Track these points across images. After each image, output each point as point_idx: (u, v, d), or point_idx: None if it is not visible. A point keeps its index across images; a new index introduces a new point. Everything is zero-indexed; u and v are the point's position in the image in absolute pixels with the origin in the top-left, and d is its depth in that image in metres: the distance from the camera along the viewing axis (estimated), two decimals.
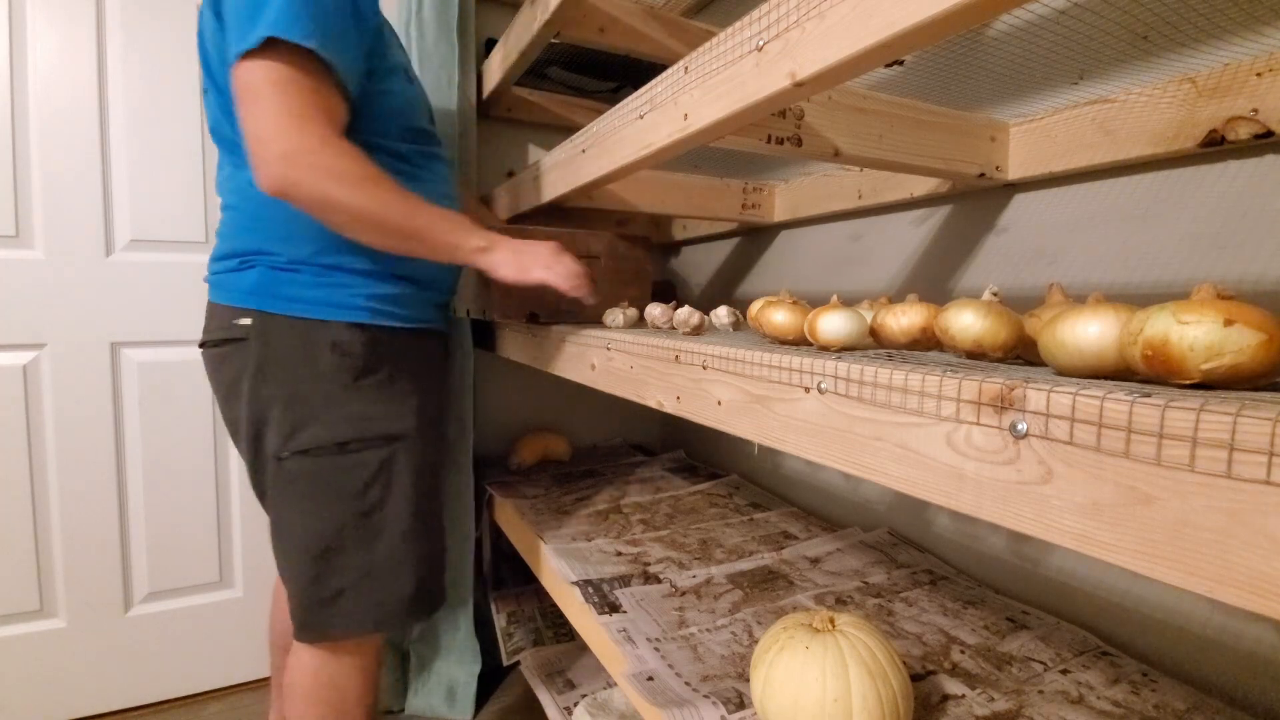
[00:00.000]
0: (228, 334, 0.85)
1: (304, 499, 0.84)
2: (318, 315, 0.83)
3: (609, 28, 1.18)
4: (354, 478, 0.84)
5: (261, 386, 0.83)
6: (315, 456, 0.83)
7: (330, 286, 0.84)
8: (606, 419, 1.83)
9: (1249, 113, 0.63)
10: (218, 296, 0.87)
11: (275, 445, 0.84)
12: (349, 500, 0.84)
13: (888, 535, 1.13)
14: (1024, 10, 0.81)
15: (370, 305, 0.86)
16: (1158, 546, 0.27)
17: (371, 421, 0.85)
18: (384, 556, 0.86)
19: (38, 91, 1.21)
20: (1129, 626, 0.80)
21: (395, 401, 0.88)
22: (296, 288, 0.83)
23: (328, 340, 0.83)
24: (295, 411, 0.83)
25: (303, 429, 0.83)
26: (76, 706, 1.31)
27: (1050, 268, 0.86)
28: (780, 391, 0.50)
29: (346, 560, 0.84)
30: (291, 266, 0.83)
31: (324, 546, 0.84)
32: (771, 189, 1.32)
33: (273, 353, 0.83)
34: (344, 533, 0.84)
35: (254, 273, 0.84)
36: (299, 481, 0.84)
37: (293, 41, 0.70)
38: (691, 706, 0.68)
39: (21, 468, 1.24)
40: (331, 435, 0.83)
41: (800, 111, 0.73)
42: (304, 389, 0.83)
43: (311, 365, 0.83)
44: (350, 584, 0.84)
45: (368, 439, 0.85)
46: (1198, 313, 0.32)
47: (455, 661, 1.36)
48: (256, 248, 0.84)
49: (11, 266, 1.21)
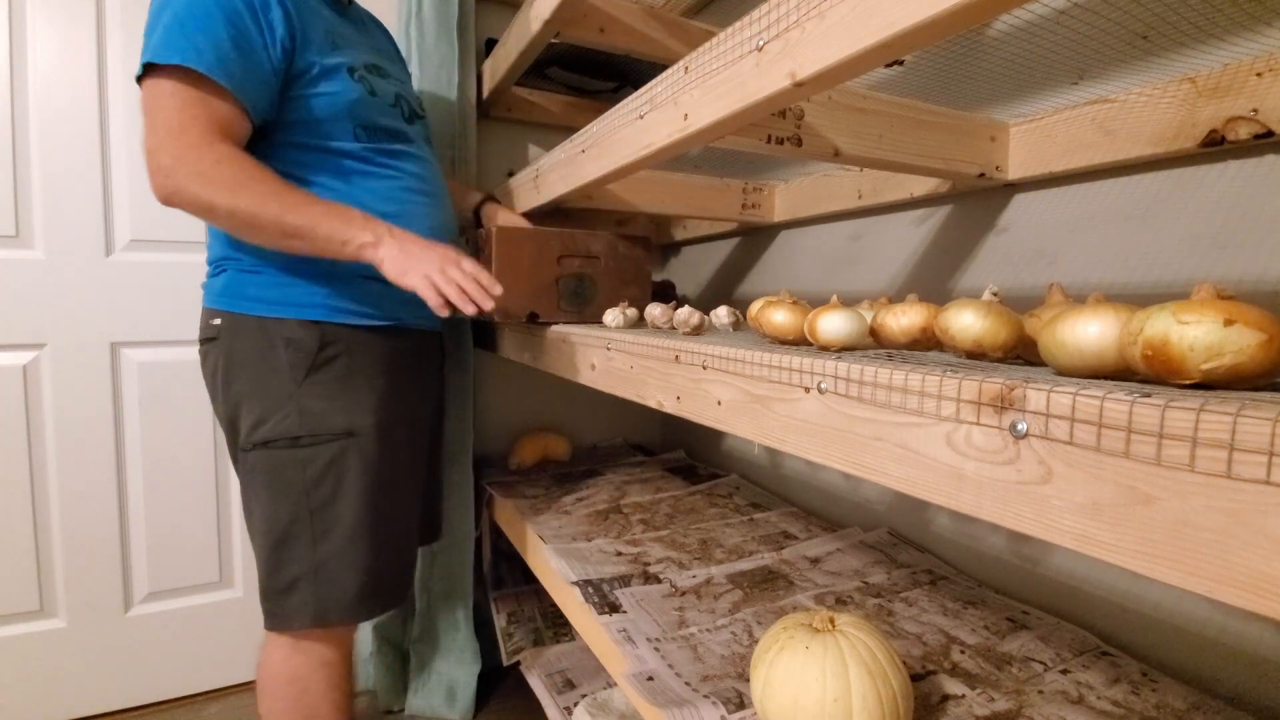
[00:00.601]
0: (205, 334, 0.91)
1: (262, 490, 0.87)
2: (274, 313, 0.87)
3: (609, 28, 1.18)
4: (306, 472, 0.87)
5: (231, 381, 0.88)
6: (271, 449, 0.86)
7: (287, 286, 0.88)
8: (606, 419, 1.83)
9: (1249, 113, 0.63)
10: (204, 300, 0.93)
11: (241, 437, 0.88)
12: (301, 494, 0.87)
13: (888, 535, 1.13)
14: (1024, 10, 0.81)
15: (326, 303, 0.89)
16: (1158, 546, 0.27)
17: (322, 417, 0.88)
18: (333, 551, 0.87)
19: (38, 91, 1.21)
20: (1129, 626, 0.80)
21: (350, 398, 0.90)
22: (258, 288, 0.88)
23: (281, 337, 0.87)
24: (257, 405, 0.87)
25: (263, 422, 0.86)
26: (76, 706, 1.31)
27: (1050, 268, 0.86)
28: (780, 391, 0.50)
29: (299, 552, 0.87)
30: (255, 269, 0.88)
31: (278, 537, 0.87)
32: (771, 189, 1.31)
33: (237, 350, 0.88)
34: (296, 525, 0.87)
35: (225, 276, 0.90)
36: (257, 473, 0.87)
37: (164, 63, 0.76)
38: (691, 706, 0.68)
39: (21, 468, 1.24)
40: (285, 429, 0.86)
41: (800, 111, 0.73)
42: (263, 384, 0.87)
43: (268, 361, 0.87)
44: (301, 576, 0.87)
45: (319, 434, 0.87)
46: (1198, 313, 0.32)
47: (455, 661, 1.36)
48: (226, 254, 0.90)
49: (11, 266, 1.21)
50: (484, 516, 1.46)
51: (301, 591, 0.86)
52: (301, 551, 0.86)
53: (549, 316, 1.07)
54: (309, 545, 0.87)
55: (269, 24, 0.82)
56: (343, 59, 0.90)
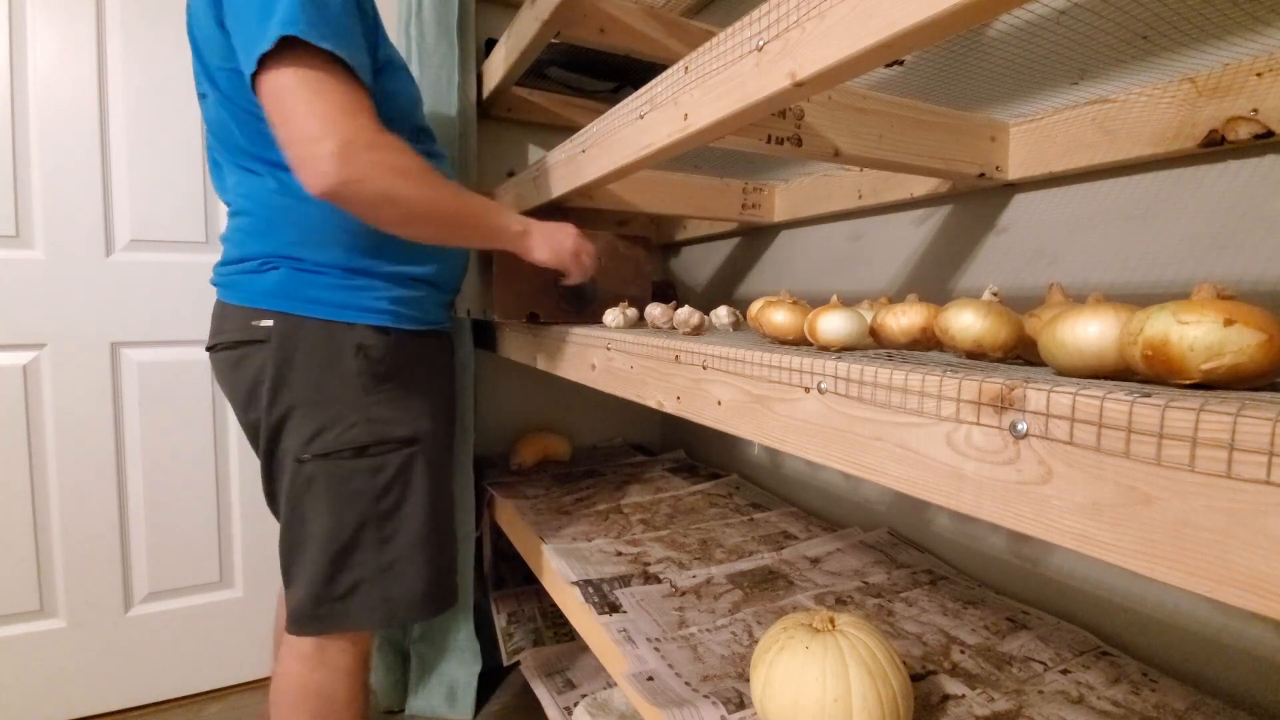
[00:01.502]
0: (245, 335, 0.84)
1: (322, 501, 0.84)
2: (343, 318, 0.83)
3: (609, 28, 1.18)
4: (373, 481, 0.85)
5: (282, 388, 0.82)
6: (335, 459, 0.83)
7: (354, 289, 0.84)
8: (606, 419, 1.83)
9: (1249, 113, 0.63)
10: (232, 297, 0.85)
11: (295, 447, 0.83)
12: (368, 502, 0.85)
13: (888, 535, 1.13)
14: (1024, 10, 0.81)
15: (392, 308, 0.87)
16: (1158, 546, 0.27)
17: (390, 425, 0.86)
18: (399, 555, 0.86)
19: (38, 91, 1.21)
20: (1129, 626, 0.80)
21: (412, 404, 0.88)
22: (321, 290, 0.83)
23: (352, 343, 0.83)
24: (316, 414, 0.83)
25: (324, 432, 0.83)
26: (76, 706, 1.31)
27: (1050, 268, 0.86)
28: (780, 391, 0.50)
29: (362, 558, 0.85)
30: (317, 269, 0.83)
31: (340, 546, 0.84)
32: (771, 189, 1.31)
33: (295, 355, 0.82)
34: (362, 533, 0.85)
35: (276, 274, 0.82)
36: (318, 483, 0.83)
37: (312, 44, 0.68)
38: (691, 706, 0.68)
39: (21, 468, 1.24)
40: (351, 439, 0.83)
41: (800, 111, 0.73)
42: (326, 392, 0.83)
43: (334, 368, 0.83)
44: (365, 579, 0.85)
45: (387, 442, 0.85)
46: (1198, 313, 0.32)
47: (455, 661, 1.36)
48: (276, 251, 0.83)
49: (11, 266, 1.21)
50: (484, 516, 1.46)
51: (365, 595, 0.85)
52: (367, 557, 0.85)
53: (549, 316, 1.07)
54: (375, 550, 0.85)
55: (365, 9, 0.78)
56: (399, 56, 0.87)
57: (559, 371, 0.94)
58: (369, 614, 0.85)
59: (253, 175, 0.83)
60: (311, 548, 0.84)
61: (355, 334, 0.83)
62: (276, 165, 0.81)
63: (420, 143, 0.91)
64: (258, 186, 0.83)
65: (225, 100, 0.81)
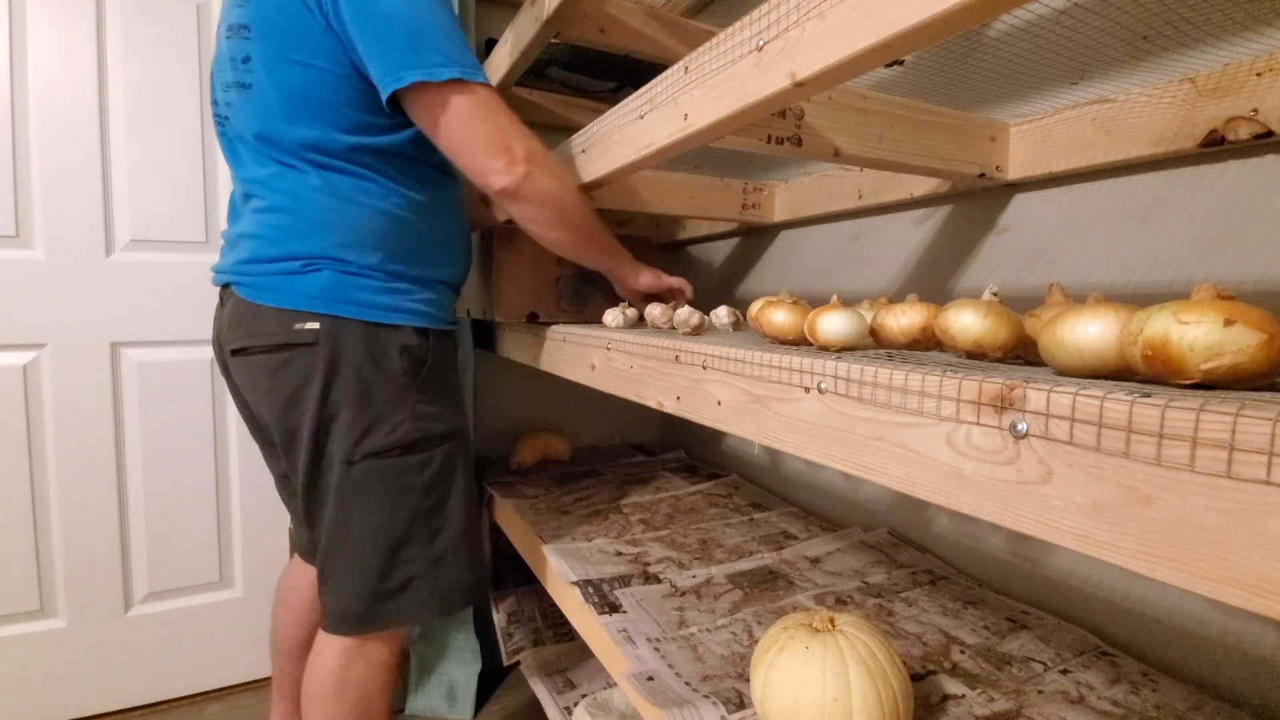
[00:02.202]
0: (289, 338, 0.83)
1: (375, 500, 0.85)
2: (389, 320, 0.86)
3: (609, 28, 1.18)
4: (422, 476, 0.87)
5: (332, 391, 0.83)
6: (384, 458, 0.85)
7: (396, 293, 0.87)
8: (606, 419, 1.83)
9: (1249, 113, 0.63)
10: (269, 299, 0.84)
11: (344, 449, 0.84)
12: (418, 497, 0.87)
13: (888, 535, 1.13)
14: (1024, 10, 0.81)
15: (426, 310, 0.90)
16: (1158, 546, 0.27)
17: (433, 421, 0.88)
18: (448, 547, 0.89)
19: (38, 91, 1.21)
20: (1129, 626, 0.80)
21: (448, 400, 0.92)
22: (367, 293, 0.84)
23: (397, 344, 0.86)
24: (365, 415, 0.84)
25: (373, 432, 0.84)
26: (76, 706, 1.31)
27: (1050, 268, 0.86)
28: (780, 391, 0.50)
29: (414, 553, 0.87)
30: (363, 272, 0.84)
31: (393, 542, 0.86)
32: (771, 189, 1.31)
33: (344, 358, 0.83)
34: (413, 528, 0.87)
35: (321, 276, 0.83)
36: (369, 482, 0.85)
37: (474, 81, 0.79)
38: (691, 706, 0.68)
39: (21, 468, 1.25)
40: (401, 436, 0.85)
41: (800, 111, 0.73)
42: (374, 393, 0.84)
43: (381, 369, 0.85)
44: (419, 573, 0.87)
45: (432, 438, 0.88)
46: (1198, 313, 0.32)
47: (455, 661, 1.36)
48: (320, 252, 0.83)
49: (11, 266, 1.21)
50: (484, 516, 1.46)
51: (418, 589, 0.87)
52: (418, 551, 0.87)
53: (549, 316, 1.07)
54: (425, 544, 0.87)
55: None
56: None
57: (559, 371, 0.94)
58: (423, 607, 0.87)
59: (295, 172, 0.83)
60: (362, 547, 0.85)
61: (400, 335, 0.86)
62: (324, 166, 0.83)
63: None
64: (300, 184, 0.83)
65: (286, 95, 0.81)
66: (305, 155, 0.83)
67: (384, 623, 0.87)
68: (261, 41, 0.81)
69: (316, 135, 0.82)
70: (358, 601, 0.85)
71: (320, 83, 0.80)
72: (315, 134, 0.82)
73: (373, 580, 0.85)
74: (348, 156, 0.83)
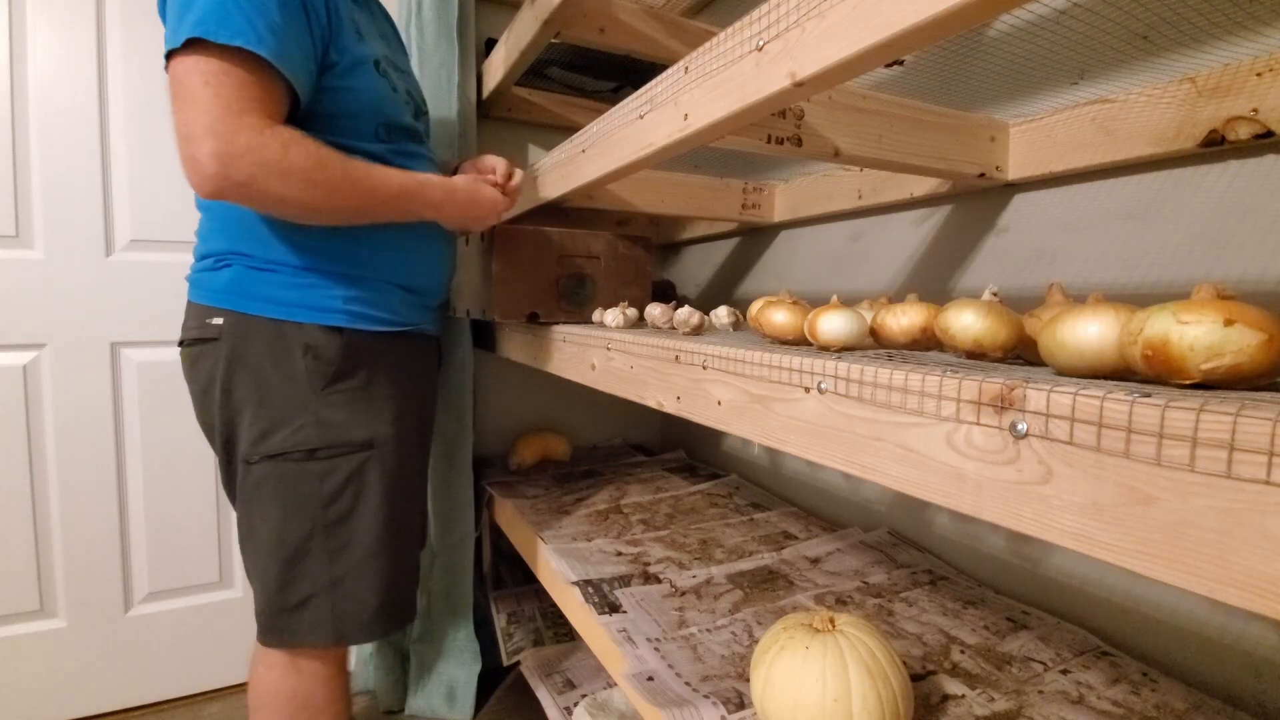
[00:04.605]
0: (201, 333, 0.83)
1: (271, 504, 0.82)
2: (291, 317, 0.82)
3: (609, 28, 1.18)
4: (323, 485, 0.82)
5: (233, 387, 0.81)
6: (283, 461, 0.81)
7: (305, 288, 0.82)
8: (606, 419, 1.83)
9: (1249, 113, 0.63)
10: (193, 295, 0.85)
11: (244, 448, 0.82)
12: (317, 508, 0.82)
13: (888, 535, 1.13)
14: (1024, 10, 0.81)
15: (348, 308, 0.84)
16: (1158, 546, 0.27)
17: (343, 428, 0.83)
18: (351, 567, 0.84)
19: (38, 91, 1.21)
20: (1129, 626, 0.80)
21: (370, 408, 0.86)
22: (271, 288, 0.81)
23: (300, 342, 0.82)
24: (265, 414, 0.81)
25: (272, 433, 0.81)
26: (76, 706, 1.31)
27: (1050, 268, 0.86)
28: (780, 391, 0.50)
29: (313, 568, 0.83)
30: (268, 266, 0.81)
31: (290, 553, 0.82)
32: (771, 189, 1.31)
33: (244, 354, 0.81)
34: (311, 540, 0.82)
35: (229, 272, 0.82)
36: (266, 486, 0.82)
37: (220, 42, 0.67)
38: (691, 706, 0.68)
39: (21, 468, 1.24)
40: (301, 440, 0.81)
41: (800, 111, 0.73)
42: (275, 392, 0.81)
43: (283, 368, 0.81)
44: (317, 591, 0.83)
45: (338, 446, 0.83)
46: (1198, 313, 0.32)
47: (455, 661, 1.36)
48: (232, 248, 0.82)
49: (11, 266, 1.21)
50: (484, 516, 1.46)
51: (316, 609, 0.82)
52: (315, 568, 0.82)
53: (549, 316, 1.07)
54: (324, 561, 0.83)
55: (314, 8, 0.76)
56: (368, 51, 0.85)
57: (559, 371, 0.94)
58: (318, 630, 0.83)
59: None
60: (264, 554, 0.83)
61: (304, 333, 0.82)
62: None
63: (389, 141, 0.87)
64: None
65: None
66: None
67: (285, 639, 0.83)
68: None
69: None
70: (263, 612, 0.83)
71: None
72: None
73: (274, 592, 0.82)
74: None
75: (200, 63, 0.68)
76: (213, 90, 0.68)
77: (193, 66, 0.68)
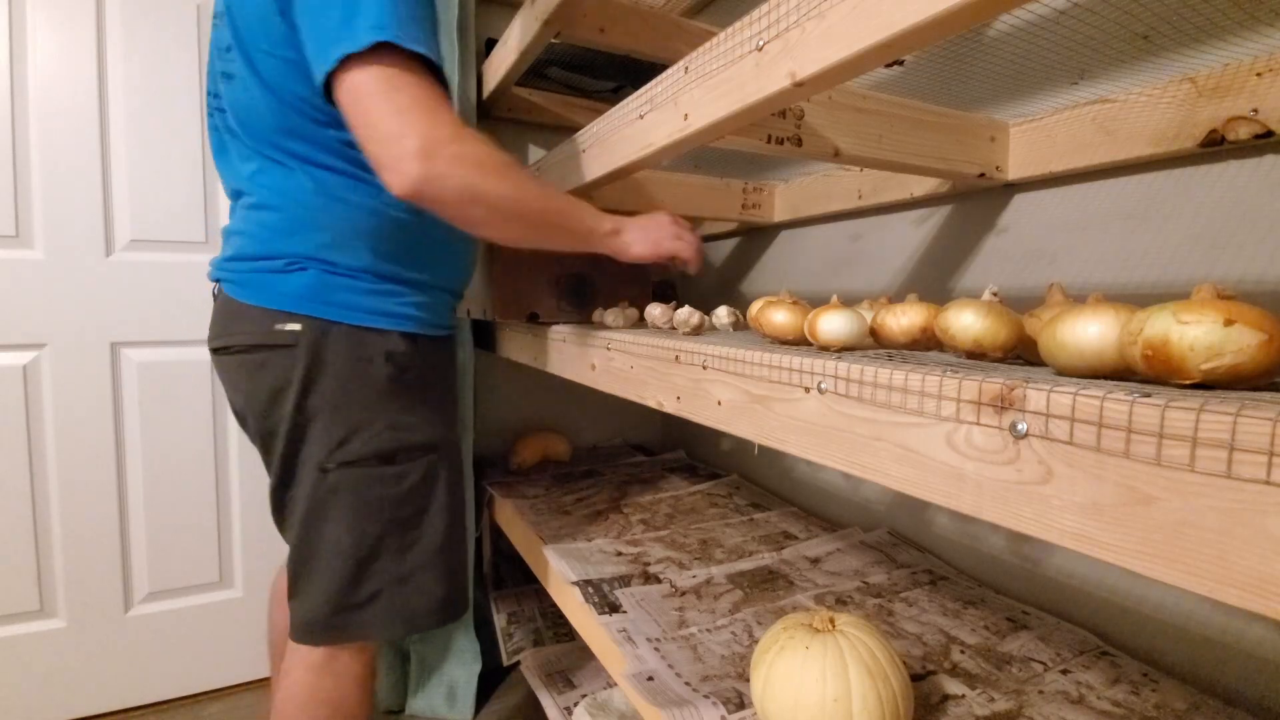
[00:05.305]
0: (268, 339, 0.80)
1: (347, 510, 0.82)
2: (374, 324, 0.81)
3: (609, 28, 1.18)
4: (398, 488, 0.84)
5: (310, 395, 0.80)
6: (360, 468, 0.81)
7: (384, 295, 0.82)
8: (606, 419, 1.83)
9: (1249, 113, 0.63)
10: (250, 296, 0.81)
11: (318, 456, 0.81)
12: (390, 510, 0.83)
13: (888, 535, 1.13)
14: (1024, 10, 0.81)
15: (420, 315, 0.86)
16: (1158, 546, 0.27)
17: (414, 432, 0.84)
18: (420, 563, 0.85)
19: (38, 91, 1.21)
20: (1129, 626, 0.80)
21: (433, 411, 0.88)
22: (352, 294, 0.80)
23: (382, 350, 0.82)
24: (342, 421, 0.80)
25: (350, 440, 0.81)
26: (76, 706, 1.31)
27: (1050, 268, 0.86)
28: (780, 391, 0.50)
29: (383, 567, 0.83)
30: (349, 273, 0.80)
31: (365, 554, 0.82)
32: (771, 189, 1.31)
33: (325, 361, 0.79)
34: (383, 541, 0.83)
35: (305, 276, 0.79)
36: (342, 491, 0.81)
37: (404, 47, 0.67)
38: (691, 706, 0.68)
39: (21, 468, 1.24)
40: (377, 446, 0.82)
41: (800, 111, 0.73)
42: (353, 399, 0.81)
43: (362, 375, 0.81)
44: (386, 587, 0.84)
45: (410, 449, 0.84)
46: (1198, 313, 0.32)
47: (455, 661, 1.36)
48: (306, 252, 0.79)
49: (11, 266, 1.21)
50: (484, 516, 1.46)
51: (384, 604, 0.83)
52: (386, 565, 0.83)
53: (549, 316, 1.07)
54: (395, 558, 0.84)
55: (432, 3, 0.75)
56: None
57: (559, 371, 0.94)
58: (387, 623, 0.84)
59: (281, 168, 0.80)
60: (331, 557, 0.82)
61: (386, 340, 0.82)
62: (311, 162, 0.78)
63: None
64: (287, 182, 0.79)
65: (264, 86, 0.77)
66: (290, 150, 0.78)
67: (348, 635, 0.83)
68: (235, 29, 0.77)
69: (302, 130, 0.77)
70: (324, 612, 0.83)
71: (294, 75, 0.74)
72: (300, 129, 0.77)
73: (339, 591, 0.82)
74: (335, 151, 0.78)
75: (384, 70, 0.67)
76: (408, 94, 0.68)
77: (375, 75, 0.67)
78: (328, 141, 0.78)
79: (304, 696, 0.84)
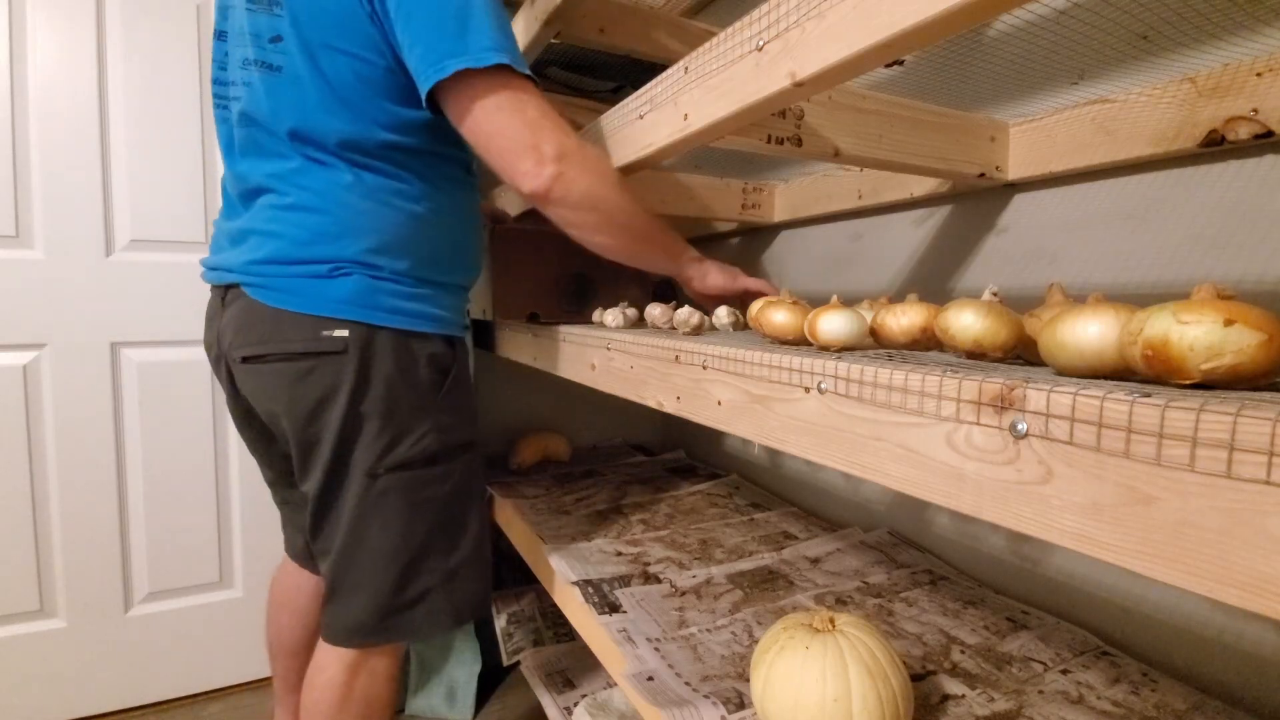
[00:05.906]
0: (315, 346, 0.78)
1: (394, 512, 0.82)
2: (419, 328, 0.82)
3: (609, 28, 1.18)
4: (443, 488, 0.85)
5: (362, 401, 0.79)
6: (410, 470, 0.82)
7: (423, 299, 0.84)
8: (606, 419, 1.83)
9: (1249, 113, 0.63)
10: (294, 303, 0.78)
11: (367, 461, 0.80)
12: (438, 510, 0.85)
13: (888, 535, 1.13)
14: (1024, 10, 0.81)
15: (450, 316, 0.88)
16: (1158, 546, 0.27)
17: (454, 432, 0.86)
18: (465, 558, 0.87)
19: (38, 91, 1.21)
20: (1129, 626, 0.80)
21: (465, 411, 0.89)
22: (396, 299, 0.81)
23: (426, 353, 0.83)
24: (391, 426, 0.81)
25: (398, 444, 0.81)
26: (76, 706, 1.31)
27: (1050, 268, 0.86)
28: (780, 391, 0.50)
29: (433, 565, 0.85)
30: (393, 278, 0.80)
31: (413, 555, 0.83)
32: (771, 189, 1.31)
33: (376, 366, 0.79)
34: (432, 540, 0.84)
35: (350, 281, 0.78)
36: (392, 495, 0.82)
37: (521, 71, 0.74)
38: (691, 706, 0.68)
39: (21, 468, 1.24)
40: (424, 449, 0.83)
41: (800, 111, 0.73)
42: (401, 403, 0.81)
43: (409, 379, 0.82)
44: (434, 586, 0.85)
45: (452, 450, 0.86)
46: (1198, 313, 0.32)
47: (455, 661, 1.36)
48: (350, 256, 0.78)
49: (11, 266, 1.21)
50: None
51: (433, 602, 0.85)
52: (436, 563, 0.85)
53: (549, 316, 1.07)
54: (443, 557, 0.85)
55: None
56: None
57: (559, 371, 0.94)
58: (436, 620, 0.85)
59: (325, 169, 0.78)
60: (378, 560, 0.82)
61: (429, 344, 0.84)
62: (359, 164, 0.78)
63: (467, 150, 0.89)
64: (331, 182, 0.78)
65: (323, 82, 0.76)
66: (340, 152, 0.77)
67: (398, 635, 0.84)
68: (299, 23, 0.75)
69: (355, 131, 0.77)
70: (371, 614, 0.83)
71: (365, 75, 0.75)
72: (354, 129, 0.76)
73: (388, 593, 0.82)
74: (383, 155, 0.79)
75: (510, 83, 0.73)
76: (534, 108, 0.74)
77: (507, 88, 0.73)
78: (378, 142, 0.78)
79: (339, 695, 0.85)
